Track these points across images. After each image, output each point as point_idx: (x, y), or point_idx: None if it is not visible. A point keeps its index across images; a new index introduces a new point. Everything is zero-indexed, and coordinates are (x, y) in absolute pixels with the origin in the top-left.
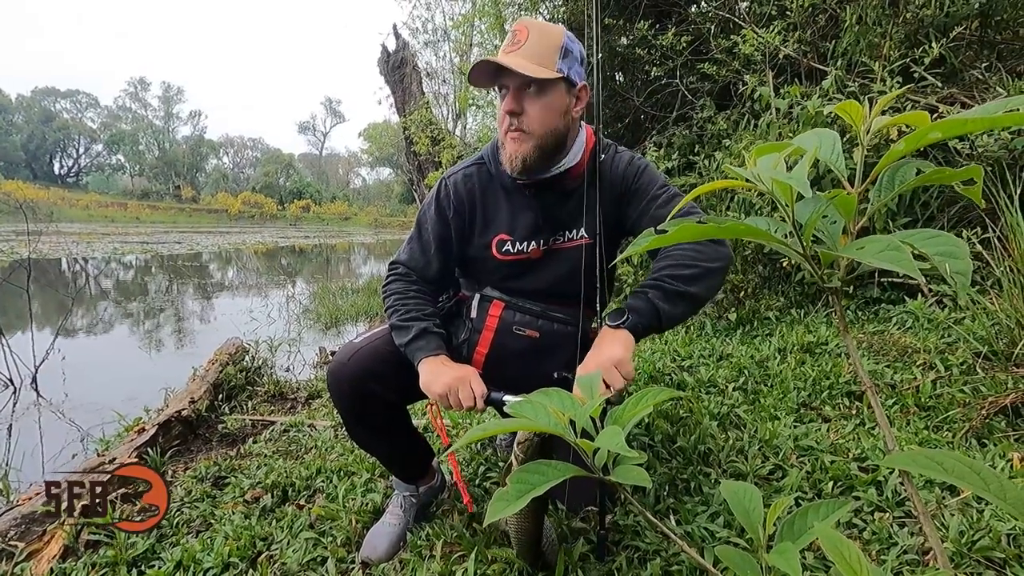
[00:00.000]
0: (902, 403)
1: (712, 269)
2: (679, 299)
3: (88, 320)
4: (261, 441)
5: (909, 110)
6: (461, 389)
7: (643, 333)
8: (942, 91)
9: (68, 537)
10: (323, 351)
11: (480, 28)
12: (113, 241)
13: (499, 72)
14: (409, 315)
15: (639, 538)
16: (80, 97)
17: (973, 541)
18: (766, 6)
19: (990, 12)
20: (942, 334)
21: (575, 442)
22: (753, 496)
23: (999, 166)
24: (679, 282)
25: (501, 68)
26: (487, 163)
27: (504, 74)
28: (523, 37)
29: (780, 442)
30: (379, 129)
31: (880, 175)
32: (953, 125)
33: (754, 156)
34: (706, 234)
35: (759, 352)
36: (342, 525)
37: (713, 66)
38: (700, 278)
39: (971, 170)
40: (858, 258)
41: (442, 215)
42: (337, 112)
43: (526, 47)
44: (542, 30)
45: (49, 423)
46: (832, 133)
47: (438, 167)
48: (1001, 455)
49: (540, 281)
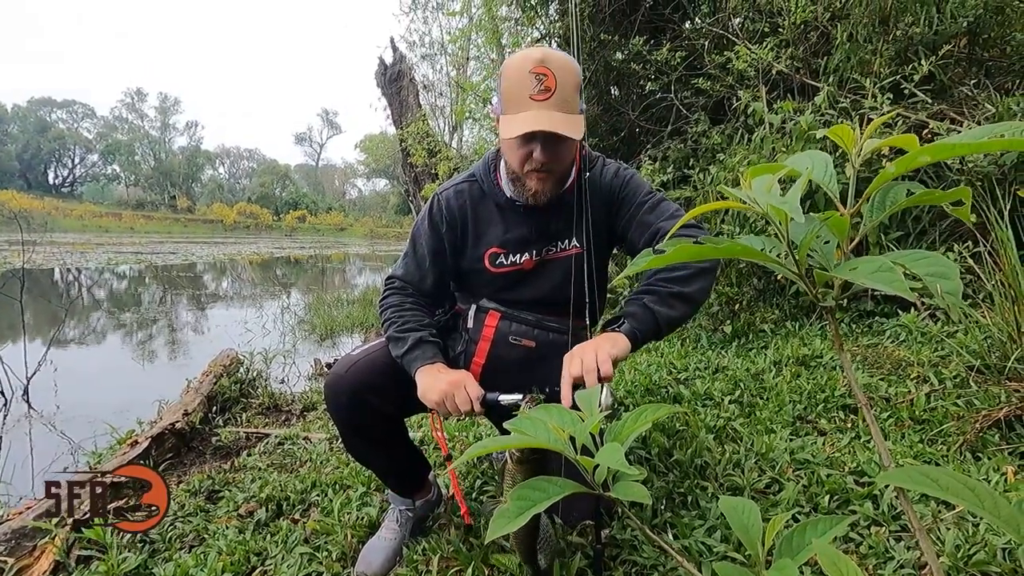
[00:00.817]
0: (896, 416)
1: (704, 269)
2: (675, 300)
3: (81, 331)
4: (255, 454)
5: (900, 126)
6: (457, 394)
7: (642, 339)
8: (932, 107)
9: (59, 552)
10: (318, 363)
11: (477, 42)
12: (107, 251)
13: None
14: (405, 326)
15: (636, 553)
16: (76, 107)
17: (969, 555)
18: (759, 23)
19: (978, 30)
20: (935, 347)
21: (575, 459)
22: (752, 512)
23: (989, 181)
24: (673, 284)
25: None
26: (479, 181)
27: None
28: (552, 84)
29: (776, 455)
30: (376, 141)
31: (872, 196)
32: (942, 149)
33: (748, 177)
34: (703, 255)
35: (755, 365)
36: (337, 540)
37: (707, 81)
38: (692, 278)
39: (960, 191)
40: (851, 279)
41: (435, 229)
42: (334, 124)
43: (557, 94)
44: (564, 68)
45: (40, 435)
46: (824, 155)
47: (434, 179)
48: (995, 468)
49: (534, 291)
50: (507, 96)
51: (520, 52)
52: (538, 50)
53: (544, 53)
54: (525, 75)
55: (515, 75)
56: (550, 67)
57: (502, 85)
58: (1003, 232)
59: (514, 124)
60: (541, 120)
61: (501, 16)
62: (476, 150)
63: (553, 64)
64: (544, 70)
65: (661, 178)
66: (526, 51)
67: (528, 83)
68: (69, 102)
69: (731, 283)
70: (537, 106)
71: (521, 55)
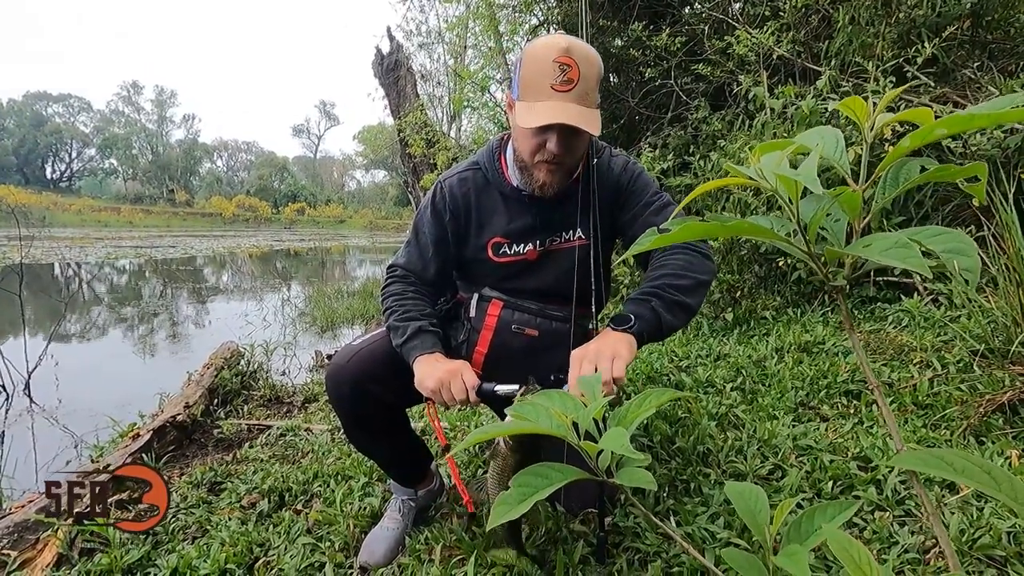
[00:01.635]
0: (900, 401)
1: (702, 281)
2: (678, 309)
3: (81, 325)
4: (257, 446)
5: (903, 109)
6: (453, 383)
7: (645, 341)
8: (935, 90)
9: (62, 545)
10: (319, 354)
11: (474, 30)
12: (106, 246)
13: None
14: (406, 315)
15: (639, 540)
16: (72, 101)
17: (974, 539)
18: (759, 7)
19: (981, 12)
20: (939, 332)
21: (578, 444)
22: (759, 498)
23: (993, 164)
24: (678, 292)
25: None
26: (483, 169)
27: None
28: (575, 76)
29: (779, 442)
30: (374, 132)
31: (884, 173)
32: (959, 121)
33: (757, 154)
34: (709, 232)
35: (756, 352)
36: (340, 530)
37: (707, 67)
38: (694, 290)
39: (975, 167)
40: (865, 255)
41: (438, 217)
42: (331, 115)
43: (579, 87)
44: (588, 61)
45: (42, 429)
46: (834, 131)
47: (433, 169)
48: (999, 453)
49: (537, 281)
50: (526, 82)
51: (544, 38)
52: (563, 38)
53: (570, 43)
54: (548, 63)
55: (538, 62)
56: (575, 57)
57: (521, 70)
58: (1008, 215)
59: (532, 113)
60: (560, 112)
61: (499, 3)
62: (475, 139)
63: (578, 55)
64: (569, 60)
65: (661, 165)
66: (551, 38)
67: (551, 72)
68: (65, 96)
69: (732, 270)
70: (558, 97)
71: (545, 41)
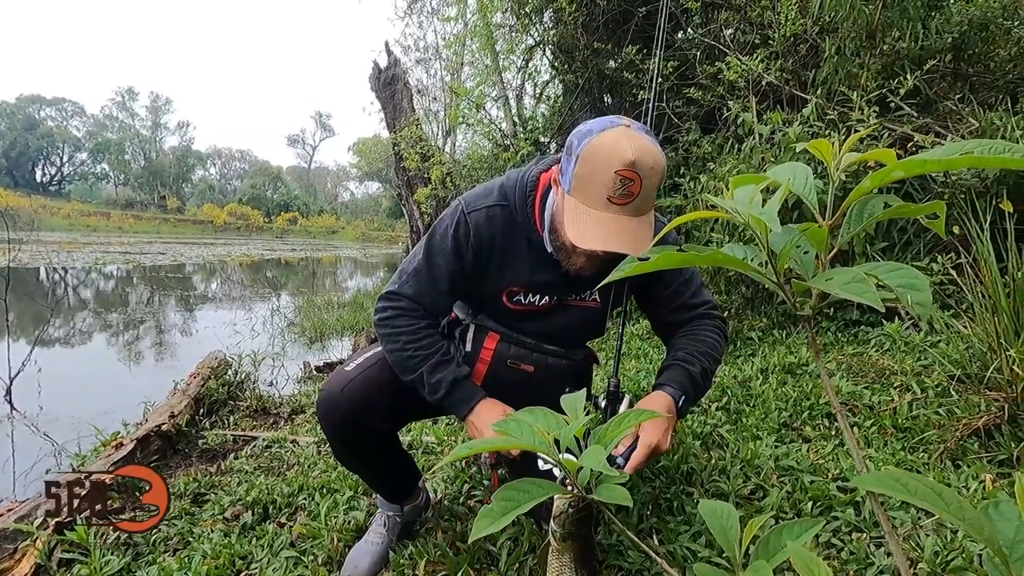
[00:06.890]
0: (879, 424)
1: (720, 361)
2: (707, 382)
3: (66, 331)
4: (242, 457)
5: (885, 138)
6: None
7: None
8: (917, 120)
9: (40, 555)
10: (307, 366)
11: (471, 48)
12: (95, 251)
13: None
14: (432, 361)
15: (622, 558)
16: (66, 105)
17: (947, 561)
18: (750, 35)
19: (963, 46)
20: (918, 356)
21: (558, 460)
22: (730, 515)
23: (971, 194)
24: (713, 363)
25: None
26: (512, 208)
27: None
28: (636, 190)
29: (761, 462)
30: (369, 144)
31: (850, 208)
32: (913, 165)
33: (732, 188)
34: (687, 261)
35: (742, 372)
36: (324, 543)
37: (698, 91)
38: (717, 366)
39: (934, 205)
40: (826, 289)
41: (459, 252)
42: (327, 126)
43: (638, 201)
44: (653, 171)
45: (22, 437)
46: (805, 168)
47: (427, 183)
48: (974, 476)
49: (543, 327)
50: (582, 182)
51: (611, 140)
52: (631, 147)
53: (637, 154)
54: (610, 175)
55: (598, 168)
56: (640, 172)
57: (578, 167)
58: (983, 247)
59: (582, 224)
60: (615, 237)
61: (496, 23)
62: (469, 155)
63: (643, 168)
64: (632, 175)
65: None
66: (617, 143)
67: (611, 183)
68: (58, 100)
69: (720, 291)
70: (613, 209)
71: (611, 147)
